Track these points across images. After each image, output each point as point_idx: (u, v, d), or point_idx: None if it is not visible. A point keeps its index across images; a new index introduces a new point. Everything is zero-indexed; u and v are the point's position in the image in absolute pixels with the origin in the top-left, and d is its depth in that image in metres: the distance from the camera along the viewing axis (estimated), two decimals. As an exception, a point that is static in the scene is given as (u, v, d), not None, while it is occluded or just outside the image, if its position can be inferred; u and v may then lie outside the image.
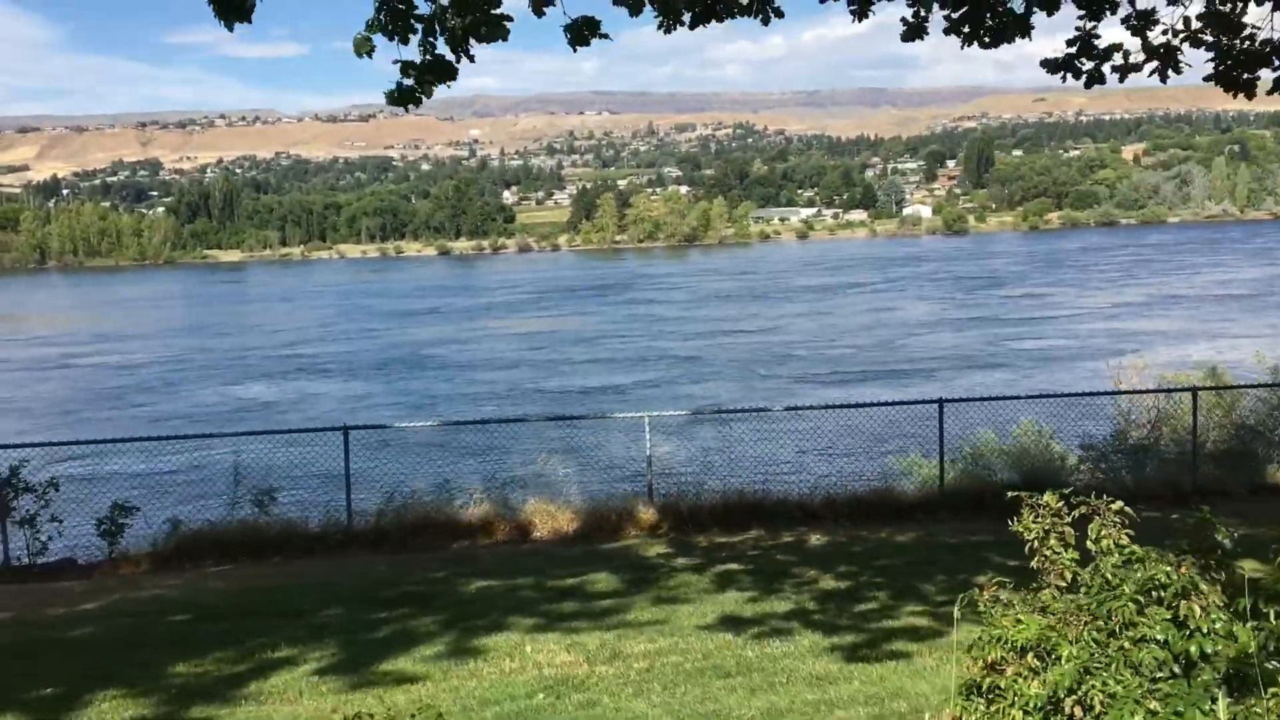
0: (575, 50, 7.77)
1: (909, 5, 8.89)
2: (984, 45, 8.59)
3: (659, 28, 8.21)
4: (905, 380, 39.68)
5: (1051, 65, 9.10)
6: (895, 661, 8.15)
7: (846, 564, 11.26)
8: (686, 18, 8.13)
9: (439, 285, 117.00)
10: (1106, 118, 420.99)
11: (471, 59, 7.19)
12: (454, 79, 7.11)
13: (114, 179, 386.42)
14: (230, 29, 6.05)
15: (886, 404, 17.75)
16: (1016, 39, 8.60)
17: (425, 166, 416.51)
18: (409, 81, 6.93)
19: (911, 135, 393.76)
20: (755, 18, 8.32)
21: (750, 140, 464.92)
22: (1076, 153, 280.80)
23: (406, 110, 7.14)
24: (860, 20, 8.71)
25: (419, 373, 48.25)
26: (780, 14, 8.43)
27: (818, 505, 14.72)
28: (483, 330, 65.66)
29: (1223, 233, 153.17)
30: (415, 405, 39.65)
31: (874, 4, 8.67)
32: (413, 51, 6.99)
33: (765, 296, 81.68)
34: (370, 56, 6.70)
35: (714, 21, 8.35)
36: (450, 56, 7.06)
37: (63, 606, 11.04)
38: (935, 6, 8.82)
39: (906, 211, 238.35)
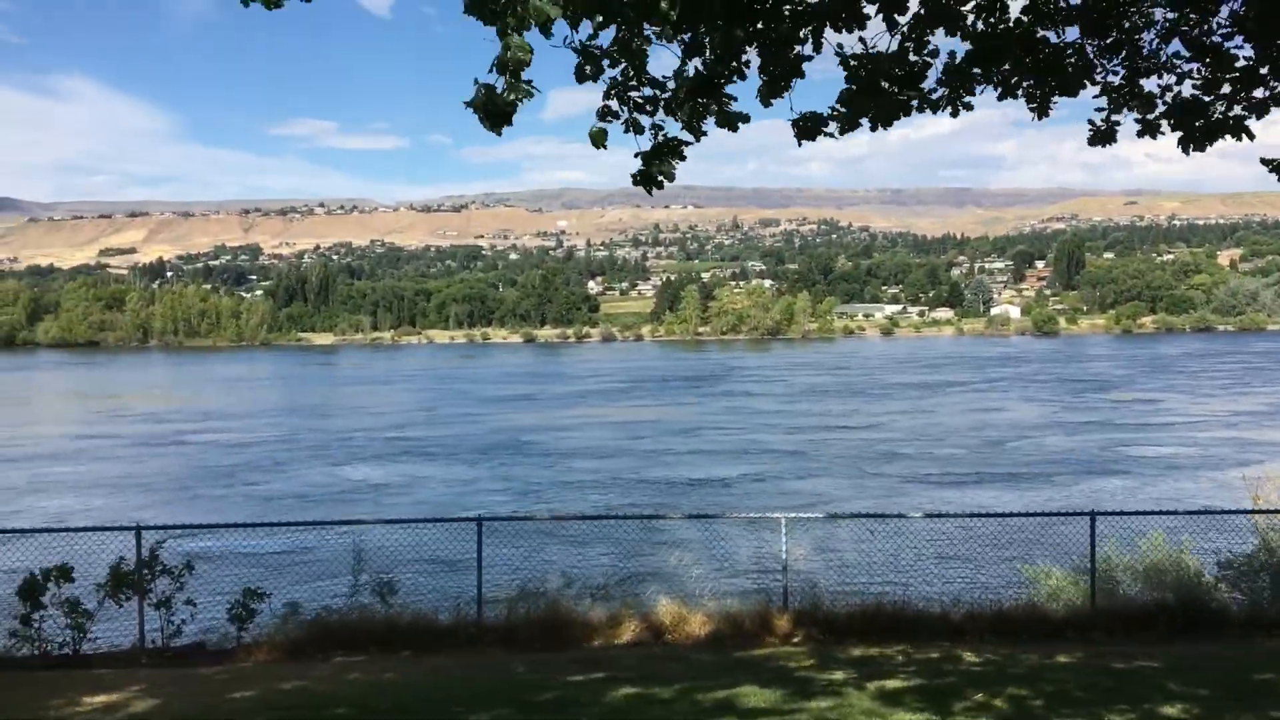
0: (800, 144, 7.93)
1: (1104, 108, 8.61)
2: (1198, 147, 8.34)
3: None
4: (1021, 484, 38.83)
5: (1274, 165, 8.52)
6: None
7: (1015, 686, 10.57)
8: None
9: (530, 372, 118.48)
10: (1200, 222, 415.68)
11: (703, 135, 7.38)
12: (684, 158, 7.31)
13: (216, 263, 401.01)
14: (497, 133, 6.36)
15: (1036, 515, 16.93)
16: (1233, 138, 8.29)
17: (513, 255, 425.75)
18: (645, 166, 7.18)
19: (998, 235, 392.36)
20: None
21: (834, 236, 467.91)
22: (1170, 256, 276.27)
23: (655, 188, 7.27)
24: (955, 116, 8.37)
25: (521, 459, 48.57)
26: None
27: (960, 618, 14.12)
28: (580, 418, 65.96)
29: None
30: (520, 492, 39.91)
31: (969, 100, 8.34)
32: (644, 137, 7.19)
33: (863, 393, 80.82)
34: (605, 146, 6.96)
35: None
36: (686, 135, 7.28)
37: (208, 696, 10.76)
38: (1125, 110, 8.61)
39: (994, 311, 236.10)
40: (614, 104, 7.02)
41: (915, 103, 7.95)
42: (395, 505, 38.34)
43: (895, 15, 7.33)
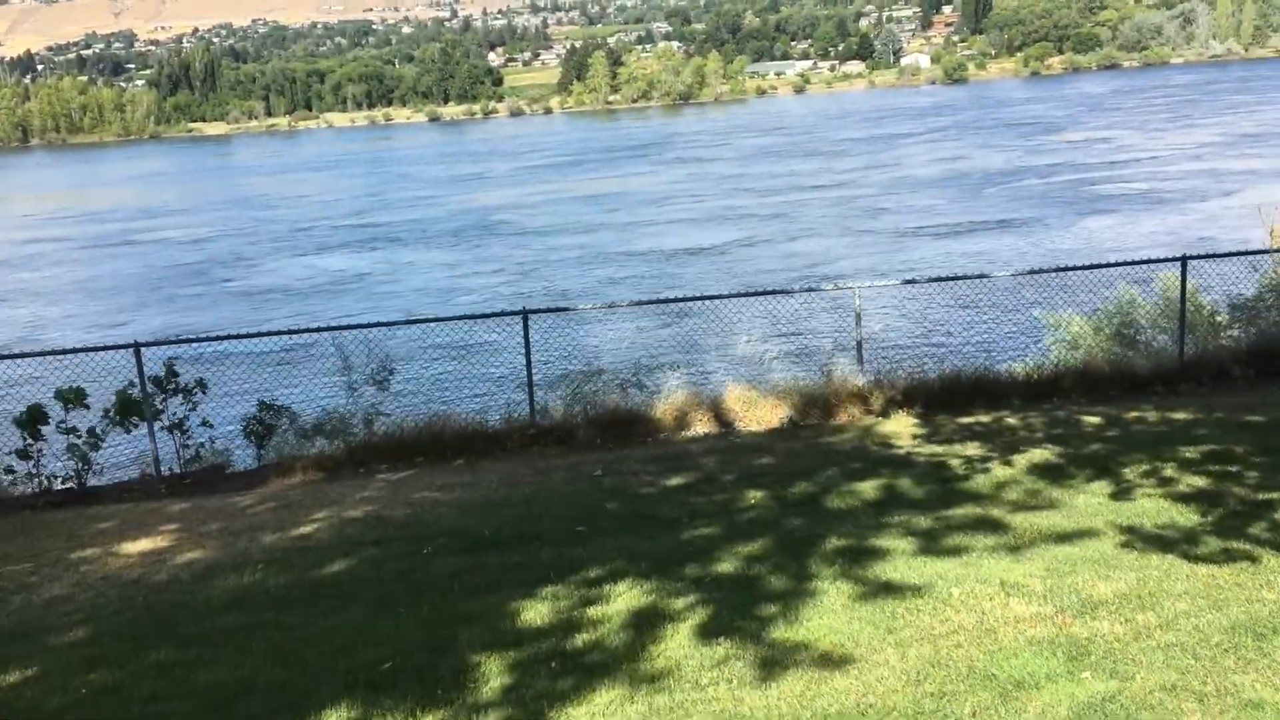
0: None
1: None
2: None
3: None
4: (1019, 230, 39.17)
5: None
6: None
7: (1169, 446, 9.58)
8: None
9: (461, 151, 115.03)
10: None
11: None
12: None
13: (89, 52, 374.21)
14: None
15: (1127, 264, 14.57)
16: None
17: (406, 30, 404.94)
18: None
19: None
20: None
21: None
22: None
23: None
24: None
25: (500, 240, 47.66)
26: None
27: (1044, 381, 13.10)
28: (542, 194, 64.46)
29: (1251, 70, 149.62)
30: (517, 274, 39.42)
31: None
32: None
33: (816, 152, 79.97)
34: None
35: None
36: None
37: (265, 530, 9.24)
38: None
39: (905, 61, 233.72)
40: None
41: None
42: (391, 296, 37.72)
43: None
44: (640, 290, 34.90)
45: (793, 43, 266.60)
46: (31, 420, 11.74)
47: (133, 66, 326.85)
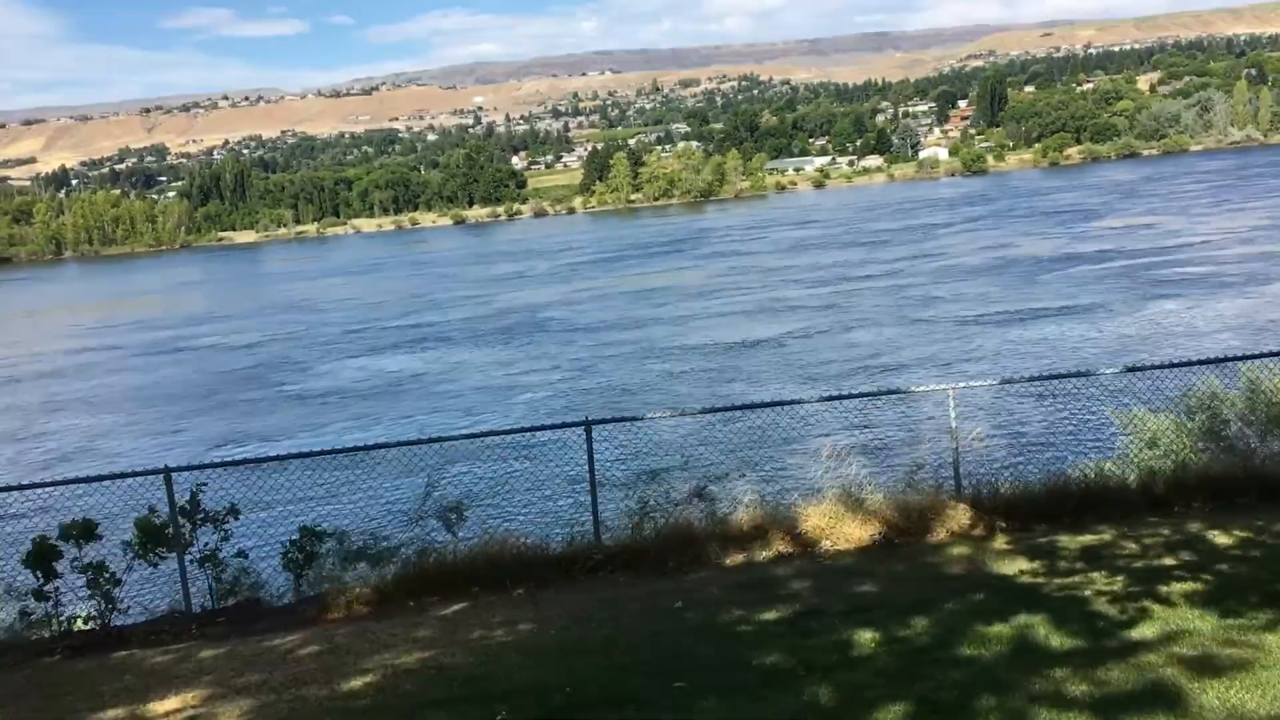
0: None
1: None
2: None
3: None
4: (1086, 316, 38.72)
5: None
6: None
7: None
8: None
9: (496, 251, 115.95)
10: (1116, 49, 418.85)
11: None
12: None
13: (121, 166, 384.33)
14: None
15: (1251, 357, 13.07)
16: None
17: (431, 137, 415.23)
18: None
19: (919, 78, 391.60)
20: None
21: (756, 92, 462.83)
22: (1090, 85, 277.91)
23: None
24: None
25: (551, 336, 47.51)
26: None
27: (1161, 489, 11.70)
28: (588, 290, 64.52)
29: (1273, 155, 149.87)
30: (575, 371, 39.16)
31: None
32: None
33: (853, 243, 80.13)
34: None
35: None
36: None
37: (309, 683, 8.16)
38: None
39: (923, 154, 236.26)
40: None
41: None
42: (449, 397, 37.41)
43: None
44: (700, 385, 34.47)
45: (810, 139, 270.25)
46: (39, 556, 10.60)
47: (164, 179, 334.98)
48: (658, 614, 9.01)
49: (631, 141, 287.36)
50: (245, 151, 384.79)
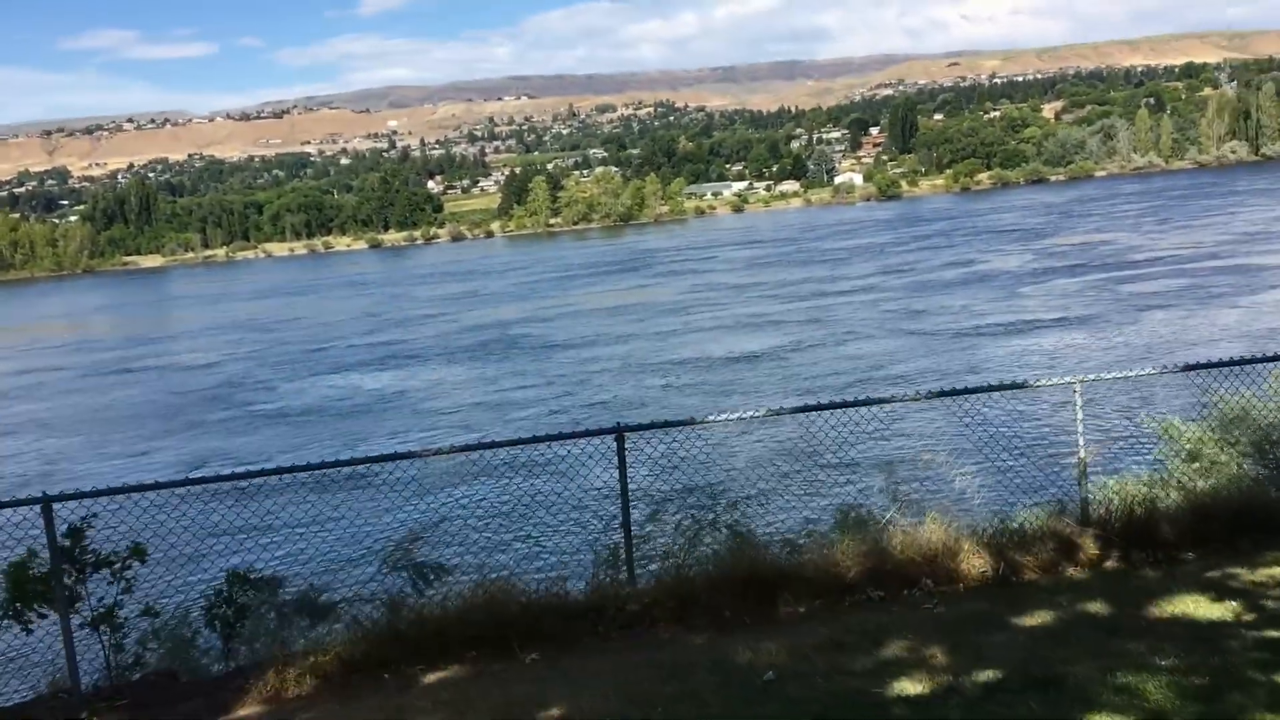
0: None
1: None
2: None
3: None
4: (1087, 327, 38.68)
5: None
6: None
7: None
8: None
9: (438, 272, 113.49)
10: (1020, 78, 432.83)
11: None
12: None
13: (21, 190, 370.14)
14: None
15: None
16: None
17: (344, 160, 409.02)
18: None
19: (831, 105, 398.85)
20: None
21: (672, 118, 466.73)
22: (997, 113, 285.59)
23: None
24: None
25: (530, 354, 46.09)
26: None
27: None
28: (552, 308, 63.09)
29: (1178, 180, 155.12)
30: (568, 387, 37.90)
31: None
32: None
33: (809, 261, 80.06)
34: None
35: None
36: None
37: None
38: None
39: (839, 180, 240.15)
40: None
41: None
42: (440, 415, 35.90)
43: None
44: (706, 397, 33.59)
45: (727, 165, 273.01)
46: None
47: (66, 203, 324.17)
48: (746, 690, 6.64)
49: (549, 166, 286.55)
50: (151, 175, 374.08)
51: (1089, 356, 33.02)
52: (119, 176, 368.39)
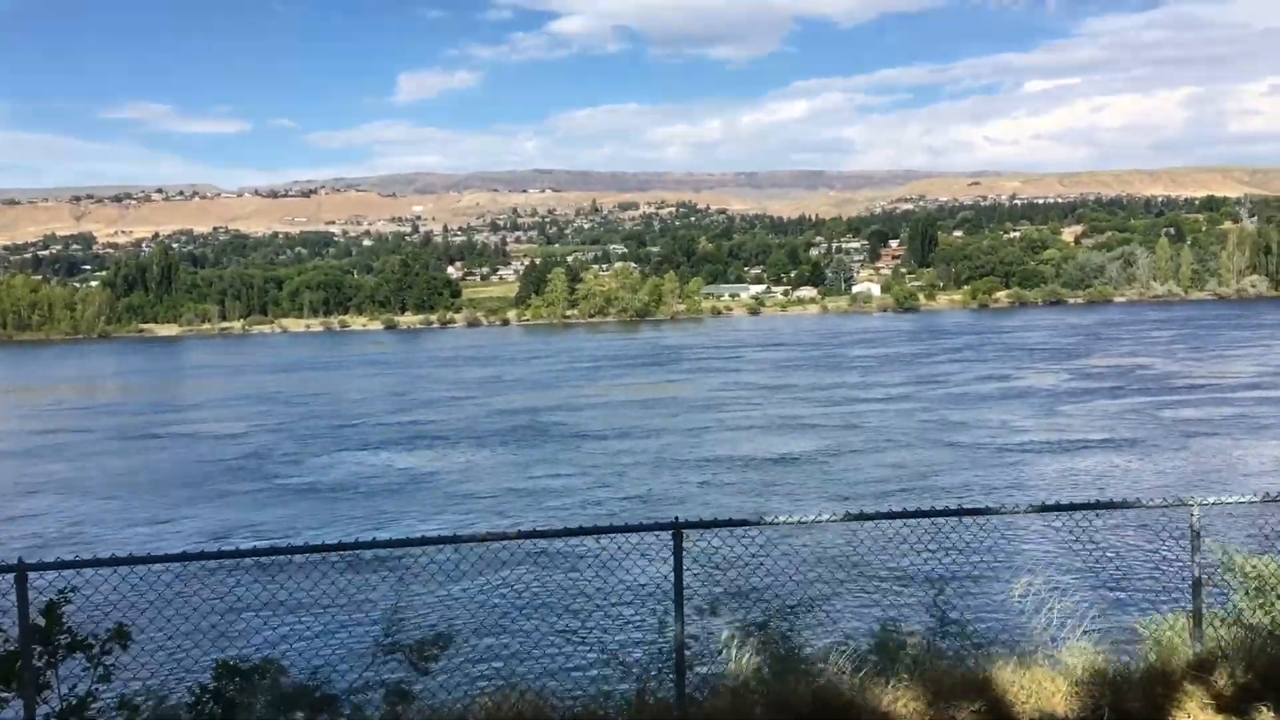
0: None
1: None
2: None
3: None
4: (1135, 450, 37.88)
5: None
6: None
7: None
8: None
9: (459, 355, 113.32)
10: (1040, 201, 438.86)
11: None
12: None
13: (46, 252, 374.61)
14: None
15: None
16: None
17: (367, 242, 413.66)
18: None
19: (852, 216, 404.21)
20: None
21: (693, 219, 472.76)
22: (1017, 233, 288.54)
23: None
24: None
25: (561, 442, 45.40)
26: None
27: None
28: (581, 397, 62.50)
29: (1204, 310, 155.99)
30: (604, 478, 37.16)
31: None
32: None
33: (839, 367, 79.77)
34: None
35: None
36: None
37: None
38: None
39: (856, 289, 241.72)
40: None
41: None
42: (474, 499, 35.10)
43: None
44: (748, 498, 32.81)
45: (745, 267, 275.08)
46: None
47: (89, 268, 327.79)
48: None
49: (569, 258, 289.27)
50: (175, 245, 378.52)
51: (1140, 479, 32.29)
52: (144, 245, 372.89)
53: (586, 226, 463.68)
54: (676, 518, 8.14)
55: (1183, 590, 8.81)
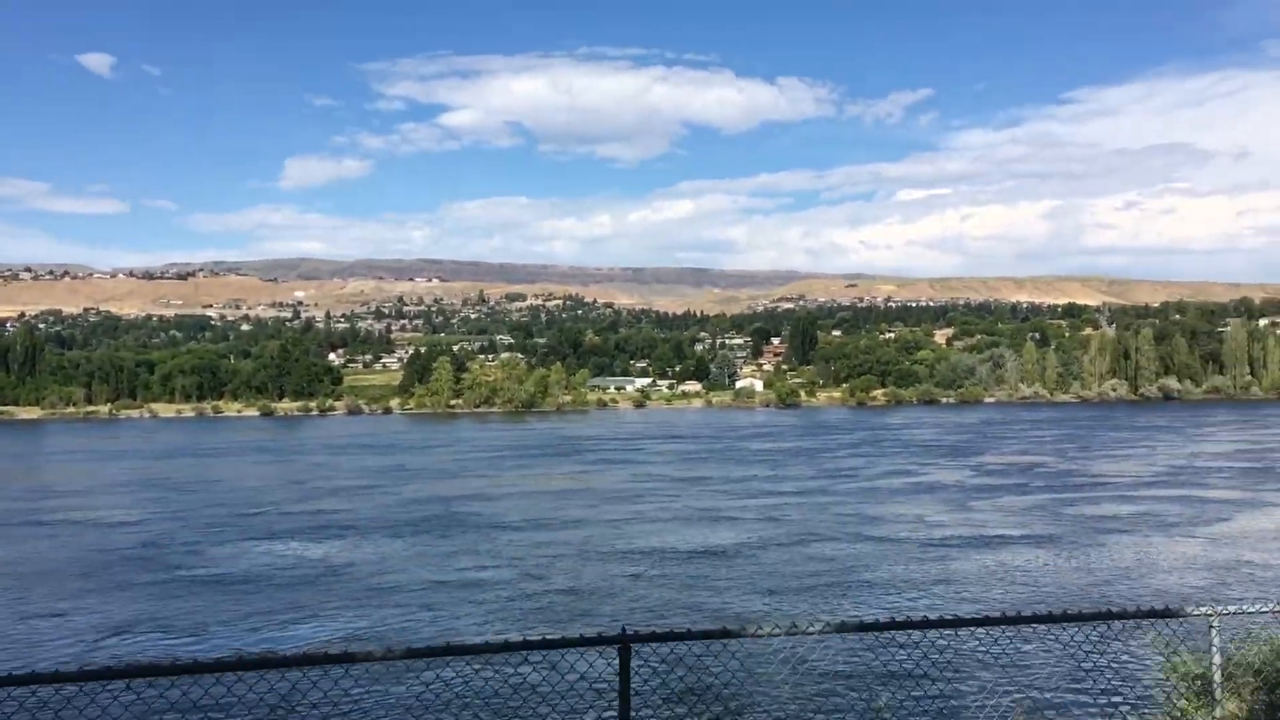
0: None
1: None
2: None
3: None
4: (1055, 547, 38.55)
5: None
6: None
7: None
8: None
9: (351, 444, 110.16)
10: (913, 304, 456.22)
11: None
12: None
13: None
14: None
15: None
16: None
17: (246, 327, 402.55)
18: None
19: (735, 313, 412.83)
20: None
21: (580, 312, 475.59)
22: (892, 334, 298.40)
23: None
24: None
25: (479, 533, 44.20)
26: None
27: None
28: (493, 487, 61.17)
29: (1068, 412, 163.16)
30: (530, 571, 36.29)
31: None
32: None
33: (745, 460, 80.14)
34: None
35: None
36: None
37: None
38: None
39: (740, 384, 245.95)
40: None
41: None
42: (397, 591, 33.84)
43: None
44: (685, 593, 32.36)
45: (631, 361, 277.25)
46: None
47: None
48: None
49: (455, 348, 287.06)
50: (42, 325, 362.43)
51: (1066, 580, 32.99)
52: (8, 324, 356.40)
53: (473, 316, 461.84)
54: (624, 628, 7.42)
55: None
